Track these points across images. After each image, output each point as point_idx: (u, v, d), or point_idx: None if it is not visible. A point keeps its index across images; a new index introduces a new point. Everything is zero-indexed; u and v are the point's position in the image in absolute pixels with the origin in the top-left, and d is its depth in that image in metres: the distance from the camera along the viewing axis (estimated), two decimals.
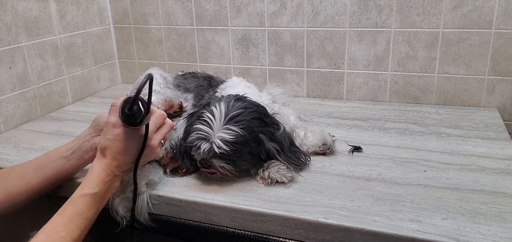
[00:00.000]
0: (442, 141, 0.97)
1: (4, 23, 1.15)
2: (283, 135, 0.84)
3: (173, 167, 0.85)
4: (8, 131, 1.19)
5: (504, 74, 1.13)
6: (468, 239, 0.62)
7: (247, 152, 0.79)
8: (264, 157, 0.82)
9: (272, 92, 1.10)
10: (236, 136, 0.77)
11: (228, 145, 0.77)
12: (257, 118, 0.81)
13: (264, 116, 0.83)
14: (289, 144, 0.85)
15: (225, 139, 0.77)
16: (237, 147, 0.77)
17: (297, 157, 0.84)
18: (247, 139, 0.78)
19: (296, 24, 1.28)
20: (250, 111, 0.81)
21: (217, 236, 0.77)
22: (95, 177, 0.70)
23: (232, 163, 0.79)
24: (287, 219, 0.71)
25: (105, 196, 0.72)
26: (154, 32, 1.49)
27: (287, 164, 0.81)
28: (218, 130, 0.78)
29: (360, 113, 1.17)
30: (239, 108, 0.80)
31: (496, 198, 0.72)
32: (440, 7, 1.13)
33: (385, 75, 1.24)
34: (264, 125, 0.82)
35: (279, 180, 0.80)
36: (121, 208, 0.78)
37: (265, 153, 0.82)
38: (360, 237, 0.67)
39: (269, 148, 0.81)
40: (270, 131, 0.83)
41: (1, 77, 1.16)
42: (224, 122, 0.78)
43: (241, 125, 0.78)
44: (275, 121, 0.86)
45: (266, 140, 0.81)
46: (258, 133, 0.80)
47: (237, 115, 0.79)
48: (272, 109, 0.92)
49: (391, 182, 0.79)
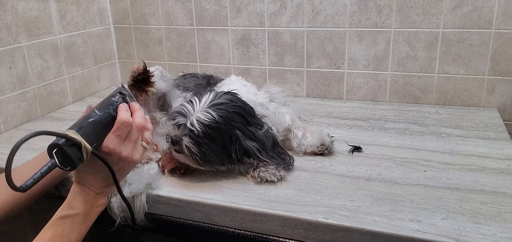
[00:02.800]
0: (442, 141, 0.97)
1: (4, 23, 1.15)
2: (265, 134, 0.83)
3: (171, 167, 0.85)
4: (8, 131, 1.19)
5: (504, 74, 1.13)
6: (468, 239, 0.62)
7: (218, 142, 0.79)
8: (236, 156, 0.81)
9: (269, 90, 1.10)
10: (211, 120, 0.78)
11: (202, 127, 0.77)
12: (239, 113, 0.82)
13: (247, 115, 0.83)
14: (272, 143, 0.84)
15: (201, 120, 0.78)
16: (209, 132, 0.78)
17: (281, 158, 0.83)
18: (222, 128, 0.79)
19: (296, 24, 1.28)
20: (233, 105, 0.82)
21: (217, 236, 0.77)
22: (74, 196, 0.67)
23: (200, 147, 0.78)
24: (287, 219, 0.71)
25: (89, 216, 0.68)
26: (154, 32, 1.49)
27: (271, 162, 0.81)
28: (198, 111, 0.79)
29: (360, 113, 1.17)
30: (224, 100, 0.82)
31: (496, 198, 0.72)
32: (440, 7, 1.13)
33: (385, 75, 1.24)
34: (245, 123, 0.82)
35: (268, 179, 0.80)
36: (117, 207, 0.78)
37: (241, 152, 0.81)
38: (360, 237, 0.67)
39: (247, 146, 0.81)
40: (250, 130, 0.82)
41: (1, 77, 1.16)
42: (206, 106, 0.80)
43: (220, 113, 0.79)
44: (259, 121, 0.85)
45: (242, 137, 0.80)
46: (235, 128, 0.80)
47: (220, 104, 0.80)
48: (266, 108, 0.92)
49: (391, 182, 0.79)
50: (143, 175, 0.81)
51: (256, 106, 0.89)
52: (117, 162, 0.67)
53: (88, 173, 0.67)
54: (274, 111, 0.94)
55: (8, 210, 0.76)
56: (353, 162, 0.88)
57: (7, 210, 0.76)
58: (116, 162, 0.67)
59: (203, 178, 0.85)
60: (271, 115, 0.92)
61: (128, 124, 0.67)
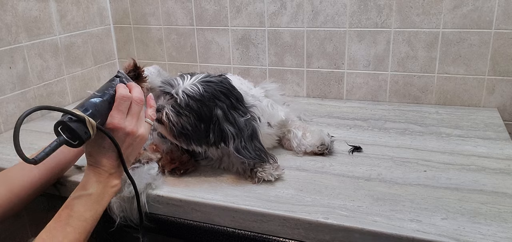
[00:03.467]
0: (442, 141, 0.97)
1: (4, 23, 1.15)
2: (246, 122, 0.81)
3: (171, 168, 0.85)
4: (8, 131, 1.19)
5: (504, 74, 1.13)
6: (468, 239, 0.62)
7: (198, 117, 0.79)
8: (213, 138, 0.80)
9: (265, 87, 1.09)
10: (196, 92, 0.78)
11: (185, 97, 0.78)
12: (225, 94, 0.81)
13: (233, 98, 0.82)
14: (251, 135, 0.81)
15: (186, 90, 0.79)
16: (191, 104, 0.78)
17: (256, 153, 0.80)
18: (205, 102, 0.79)
19: (296, 24, 1.28)
20: (221, 86, 0.82)
21: (217, 236, 0.77)
22: (88, 178, 0.69)
23: (179, 118, 0.78)
24: (287, 219, 0.71)
25: (103, 196, 0.70)
26: (154, 32, 1.49)
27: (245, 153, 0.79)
28: (187, 84, 0.80)
29: (360, 113, 1.17)
30: (215, 79, 0.82)
31: (496, 198, 0.72)
32: (440, 7, 1.13)
33: (385, 75, 1.24)
34: (230, 105, 0.81)
35: (266, 179, 0.80)
36: (116, 207, 0.78)
37: (218, 134, 0.80)
38: (360, 237, 0.67)
39: (225, 129, 0.79)
40: (232, 113, 0.81)
41: (1, 77, 1.16)
42: (195, 81, 0.80)
43: (207, 88, 0.80)
44: (244, 108, 0.83)
45: (222, 118, 0.79)
46: (218, 106, 0.79)
47: (209, 82, 0.81)
48: (259, 100, 0.91)
49: (391, 182, 0.79)
50: (143, 175, 0.81)
51: (247, 97, 0.88)
52: (123, 138, 0.69)
53: (99, 153, 0.69)
54: (267, 104, 0.93)
55: (5, 209, 0.76)
56: (353, 162, 0.88)
57: (4, 209, 0.76)
58: (123, 138, 0.69)
59: (203, 178, 0.85)
60: (263, 107, 0.91)
61: (127, 97, 0.70)
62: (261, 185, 0.80)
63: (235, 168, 0.86)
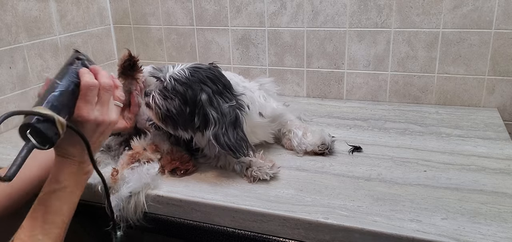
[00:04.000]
0: (442, 141, 0.97)
1: (4, 23, 1.15)
2: (230, 108, 0.80)
3: (171, 168, 0.85)
4: (8, 131, 1.19)
5: (504, 74, 1.13)
6: (468, 239, 0.62)
7: (183, 101, 0.79)
8: (198, 123, 0.80)
9: (260, 81, 1.08)
10: (182, 76, 0.79)
11: (172, 81, 0.79)
12: (212, 79, 0.81)
13: (220, 84, 0.81)
14: (233, 121, 0.80)
15: (173, 74, 0.80)
16: (177, 88, 0.79)
17: (237, 142, 0.79)
18: (191, 85, 0.79)
19: (296, 24, 1.28)
20: (209, 72, 0.82)
21: (217, 236, 0.77)
22: (59, 170, 0.65)
23: (165, 101, 0.79)
24: (287, 219, 0.71)
25: (77, 186, 0.67)
26: (154, 32, 1.49)
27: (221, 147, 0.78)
28: (173, 70, 0.81)
29: (360, 113, 1.17)
30: (204, 66, 0.83)
31: (496, 198, 0.72)
32: (440, 7, 1.13)
33: (385, 75, 1.24)
34: (216, 90, 0.80)
35: (261, 178, 0.81)
36: (114, 206, 0.78)
37: (202, 119, 0.79)
38: (360, 237, 0.67)
39: (208, 113, 0.79)
40: (217, 99, 0.80)
41: (1, 77, 1.16)
42: (184, 67, 0.81)
43: (194, 73, 0.80)
44: (230, 95, 0.82)
45: (206, 103, 0.79)
46: (203, 90, 0.79)
47: (197, 68, 0.82)
48: (251, 91, 0.91)
49: (391, 182, 0.79)
50: (142, 175, 0.81)
51: (238, 87, 0.87)
52: (94, 128, 0.66)
53: (67, 144, 0.65)
54: (259, 95, 0.93)
55: (5, 206, 0.75)
56: (353, 162, 0.88)
57: (4, 205, 0.75)
58: (93, 129, 0.66)
59: (203, 178, 0.85)
60: (254, 97, 0.90)
61: (94, 86, 0.65)
62: (261, 185, 0.80)
63: (232, 166, 0.86)
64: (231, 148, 0.78)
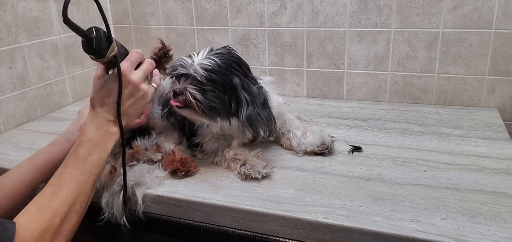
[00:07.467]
0: (442, 141, 0.97)
1: (4, 23, 1.15)
2: (258, 90, 0.84)
3: (173, 169, 0.85)
4: (8, 131, 1.19)
5: (504, 74, 1.13)
6: (468, 239, 0.62)
7: (220, 89, 0.80)
8: (233, 107, 0.81)
9: (262, 79, 1.09)
10: (214, 65, 0.79)
11: (205, 72, 0.78)
12: (237, 63, 0.83)
13: (244, 67, 0.85)
14: (263, 102, 0.84)
15: (203, 65, 0.79)
16: (212, 77, 0.79)
17: (268, 118, 0.84)
18: (224, 72, 0.80)
19: (296, 24, 1.28)
20: (232, 56, 0.84)
21: (217, 236, 0.77)
22: (87, 125, 0.72)
23: (204, 94, 0.79)
24: (287, 219, 0.71)
25: (104, 141, 0.71)
26: (154, 32, 1.49)
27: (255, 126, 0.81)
28: (199, 60, 0.81)
29: (360, 113, 1.17)
30: (223, 51, 0.84)
31: (496, 198, 0.72)
32: (440, 7, 1.13)
33: (385, 75, 1.24)
34: (243, 73, 0.83)
35: (253, 176, 0.81)
36: (104, 202, 0.79)
37: (235, 103, 0.81)
38: (360, 237, 0.67)
39: (241, 95, 0.81)
40: (246, 81, 0.83)
41: (1, 77, 1.16)
42: (206, 55, 0.81)
43: (222, 59, 0.81)
44: (254, 77, 0.86)
45: (239, 86, 0.81)
46: (234, 75, 0.81)
47: (219, 54, 0.83)
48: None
49: (391, 182, 0.79)
50: (142, 174, 0.81)
51: None
52: (126, 84, 0.72)
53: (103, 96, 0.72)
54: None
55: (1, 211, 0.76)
56: (353, 162, 0.88)
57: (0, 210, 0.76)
58: (125, 85, 0.72)
59: (203, 178, 0.85)
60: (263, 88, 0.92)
61: (140, 54, 0.76)
62: (262, 185, 0.80)
63: (227, 163, 0.87)
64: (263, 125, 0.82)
